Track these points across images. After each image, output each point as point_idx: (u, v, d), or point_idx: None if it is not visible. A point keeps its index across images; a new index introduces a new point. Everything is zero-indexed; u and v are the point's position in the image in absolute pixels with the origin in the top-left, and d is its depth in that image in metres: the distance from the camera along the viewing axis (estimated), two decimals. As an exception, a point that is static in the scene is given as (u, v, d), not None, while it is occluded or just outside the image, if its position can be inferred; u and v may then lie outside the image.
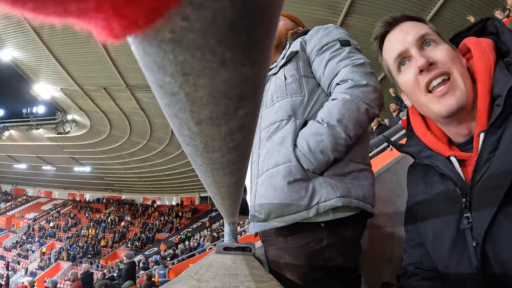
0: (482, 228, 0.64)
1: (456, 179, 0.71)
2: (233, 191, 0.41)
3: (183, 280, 0.56)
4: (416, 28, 0.76)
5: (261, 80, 0.17)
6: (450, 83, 0.70)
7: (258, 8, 0.12)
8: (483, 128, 0.67)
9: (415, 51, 0.74)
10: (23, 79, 13.23)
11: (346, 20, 8.29)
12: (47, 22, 0.11)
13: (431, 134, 0.78)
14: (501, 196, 0.61)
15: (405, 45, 0.75)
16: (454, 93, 0.69)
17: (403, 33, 0.77)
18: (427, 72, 0.71)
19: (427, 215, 0.78)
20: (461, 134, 0.74)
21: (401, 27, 0.79)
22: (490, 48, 0.72)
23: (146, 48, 0.13)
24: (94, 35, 0.12)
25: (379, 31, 0.82)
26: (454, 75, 0.70)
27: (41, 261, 21.09)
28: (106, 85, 12.73)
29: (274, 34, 0.15)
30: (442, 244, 0.73)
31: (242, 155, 0.26)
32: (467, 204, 0.68)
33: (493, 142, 0.65)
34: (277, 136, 1.03)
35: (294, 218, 0.95)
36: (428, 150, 0.77)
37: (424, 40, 0.74)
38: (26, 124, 18.48)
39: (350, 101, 0.95)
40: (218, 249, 1.22)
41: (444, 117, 0.71)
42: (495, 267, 0.63)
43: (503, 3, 7.20)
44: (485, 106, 0.68)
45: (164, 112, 0.19)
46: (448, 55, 0.72)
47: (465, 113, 0.71)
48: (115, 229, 24.83)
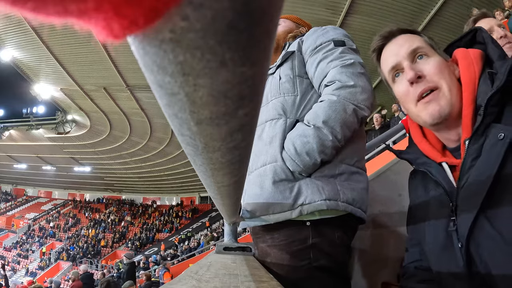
0: (465, 230, 0.68)
1: (446, 185, 0.75)
2: (233, 191, 0.41)
3: (183, 280, 0.56)
4: (409, 41, 0.82)
5: (261, 80, 0.17)
6: (435, 93, 0.76)
7: (258, 8, 0.12)
8: (467, 135, 0.72)
9: (407, 64, 0.80)
10: (23, 79, 13.22)
11: (346, 20, 8.29)
12: (47, 22, 0.11)
13: (426, 141, 0.84)
14: (480, 200, 0.65)
15: (398, 58, 0.81)
16: (438, 102, 0.75)
17: (397, 47, 0.83)
18: (416, 84, 0.77)
19: (423, 218, 0.83)
20: (451, 140, 0.79)
21: (396, 40, 0.84)
22: (477, 59, 0.77)
23: (146, 48, 0.13)
24: (94, 35, 0.12)
25: (376, 45, 0.87)
26: (442, 87, 0.76)
27: (41, 261, 21.08)
28: (106, 85, 12.72)
29: (274, 34, 0.15)
30: (434, 246, 0.78)
31: (242, 155, 0.26)
32: (453, 208, 0.73)
33: (475, 150, 0.69)
34: (267, 135, 1.03)
35: (277, 218, 0.95)
36: (423, 157, 0.82)
37: (416, 53, 0.80)
38: (26, 124, 18.47)
39: (337, 102, 0.94)
40: (218, 249, 1.22)
41: (430, 124, 0.77)
42: (480, 268, 0.67)
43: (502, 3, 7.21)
44: (468, 115, 0.73)
45: (164, 112, 0.19)
46: (437, 67, 0.77)
47: (452, 120, 0.76)
48: (115, 229, 24.83)
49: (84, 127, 17.65)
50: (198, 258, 10.52)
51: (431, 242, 0.79)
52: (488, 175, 0.65)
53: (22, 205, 29.03)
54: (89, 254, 21.40)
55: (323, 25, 1.15)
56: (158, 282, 8.32)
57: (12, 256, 22.55)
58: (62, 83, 13.08)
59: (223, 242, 1.27)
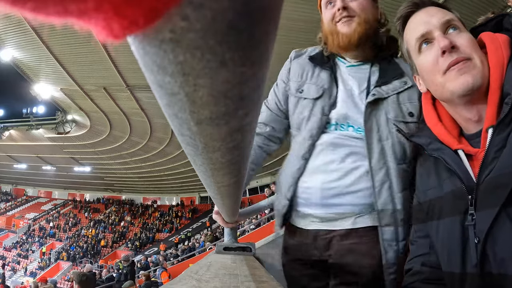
0: (485, 225, 0.64)
1: (463, 175, 0.70)
2: (233, 191, 0.41)
3: (183, 280, 0.56)
4: (442, 13, 0.77)
5: (261, 80, 0.17)
6: (469, 63, 0.71)
7: (258, 8, 0.12)
8: (491, 123, 0.67)
9: (439, 33, 0.74)
10: (23, 79, 13.20)
11: (346, 20, 8.27)
12: (47, 22, 0.11)
13: (442, 125, 0.78)
14: (505, 195, 0.61)
15: (429, 27, 0.75)
16: (471, 72, 0.70)
17: (428, 16, 0.77)
18: (448, 54, 0.72)
19: (436, 210, 0.77)
20: (471, 121, 0.73)
21: (427, 10, 0.79)
22: (505, 44, 0.73)
23: (146, 48, 0.13)
24: (94, 35, 0.12)
25: (404, 11, 0.81)
26: (475, 59, 0.71)
27: (41, 261, 21.07)
28: (106, 85, 12.71)
29: (275, 34, 0.15)
30: (447, 240, 0.74)
31: (242, 155, 0.26)
32: (472, 201, 0.68)
33: (501, 140, 0.65)
34: None
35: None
36: (437, 143, 0.77)
37: (449, 25, 0.75)
38: (26, 124, 18.45)
39: None
40: (218, 249, 1.22)
41: (460, 95, 0.71)
42: (493, 266, 0.64)
43: (503, 3, 7.20)
44: (495, 100, 0.68)
45: (164, 112, 0.19)
46: (471, 42, 0.73)
47: (478, 96, 0.71)
48: (115, 229, 24.82)
49: (84, 127, 17.64)
50: (198, 258, 10.51)
51: (445, 236, 0.74)
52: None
53: (22, 205, 29.02)
54: (89, 254, 21.39)
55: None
56: (157, 282, 8.33)
57: (12, 256, 22.54)
58: (62, 83, 13.07)
59: (223, 242, 1.27)
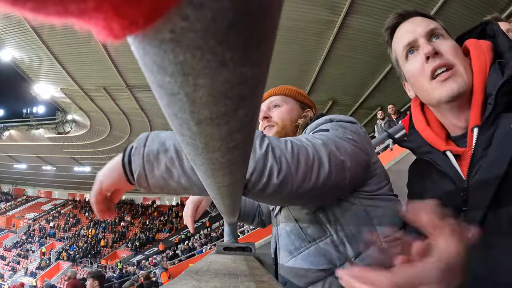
0: (475, 223, 0.66)
1: (453, 175, 0.73)
2: (233, 191, 0.41)
3: (183, 280, 0.56)
4: (426, 22, 0.81)
5: (261, 80, 0.17)
6: (452, 71, 0.75)
7: (258, 8, 0.12)
8: (476, 123, 0.71)
9: (423, 41, 0.79)
10: (23, 79, 13.20)
11: (346, 20, 8.28)
12: (47, 22, 0.11)
13: (430, 129, 0.82)
14: (491, 193, 0.64)
15: (415, 35, 0.80)
16: (455, 79, 0.74)
17: (413, 25, 0.82)
18: (432, 59, 0.76)
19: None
20: (457, 126, 0.78)
21: (412, 20, 0.84)
22: (487, 50, 0.77)
23: (146, 48, 0.13)
24: (94, 35, 0.12)
25: (391, 22, 0.86)
26: (457, 67, 0.75)
27: (41, 261, 21.08)
28: (106, 85, 12.71)
29: (275, 34, 0.15)
30: None
31: (242, 155, 0.26)
32: (464, 199, 0.70)
33: (486, 139, 0.68)
34: None
35: None
36: (427, 146, 0.81)
37: (433, 33, 0.80)
38: (26, 124, 18.46)
39: None
40: (218, 249, 1.22)
41: (445, 101, 0.75)
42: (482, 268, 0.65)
43: (502, 3, 7.21)
44: (478, 101, 0.72)
45: (164, 112, 0.19)
46: (453, 49, 0.77)
47: (464, 101, 0.75)
48: (115, 229, 24.82)
49: (84, 127, 17.64)
50: (198, 258, 10.51)
51: None
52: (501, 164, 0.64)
53: (22, 205, 29.03)
54: (89, 254, 21.39)
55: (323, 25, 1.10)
56: (157, 282, 8.33)
57: (12, 256, 22.54)
58: (62, 83, 13.07)
59: (223, 242, 1.27)
